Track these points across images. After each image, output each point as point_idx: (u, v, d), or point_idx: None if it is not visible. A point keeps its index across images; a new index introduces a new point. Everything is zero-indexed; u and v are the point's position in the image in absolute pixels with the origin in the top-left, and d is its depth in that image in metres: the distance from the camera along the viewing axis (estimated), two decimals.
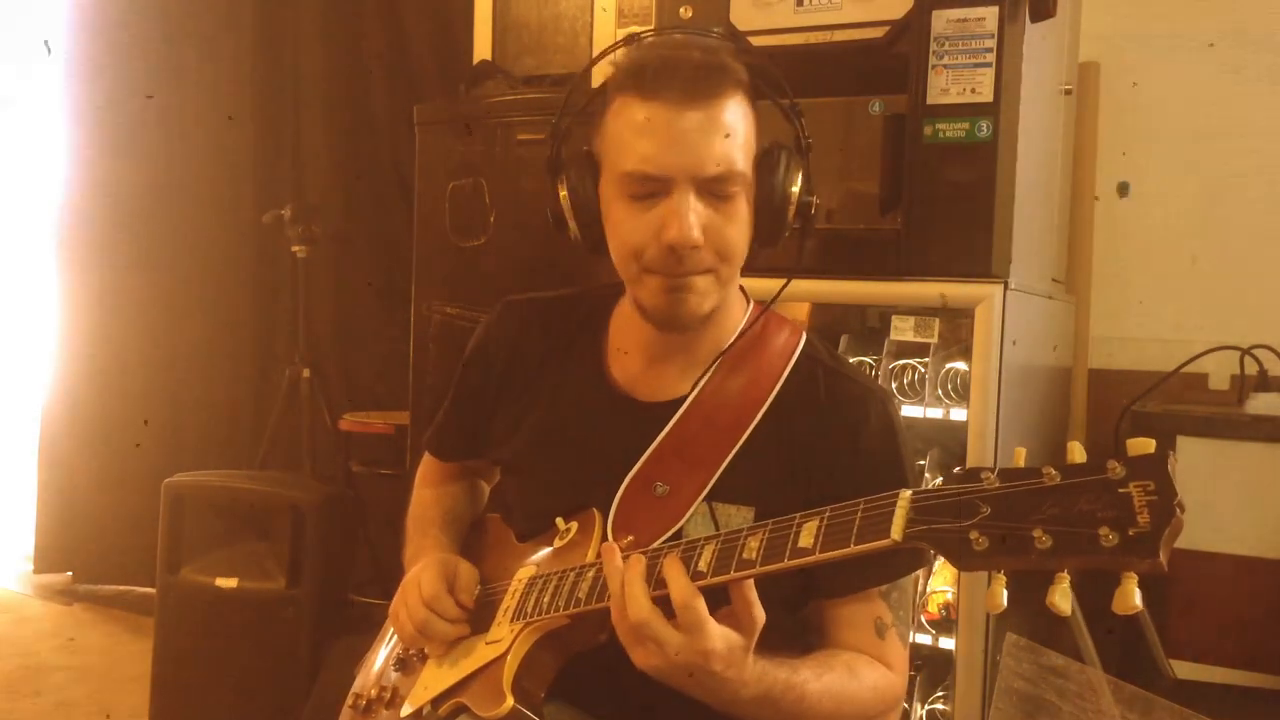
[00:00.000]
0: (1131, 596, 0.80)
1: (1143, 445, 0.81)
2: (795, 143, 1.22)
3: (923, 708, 2.10)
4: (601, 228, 1.22)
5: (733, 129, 1.14)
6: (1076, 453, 0.84)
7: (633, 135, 1.15)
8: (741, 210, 1.17)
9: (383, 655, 1.39)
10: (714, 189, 1.14)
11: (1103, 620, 1.98)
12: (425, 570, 1.26)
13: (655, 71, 1.14)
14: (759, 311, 1.29)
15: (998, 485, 0.85)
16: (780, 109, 1.23)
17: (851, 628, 1.20)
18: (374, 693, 1.34)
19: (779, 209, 1.19)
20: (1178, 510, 0.78)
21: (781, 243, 1.23)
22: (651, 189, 1.15)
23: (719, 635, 0.99)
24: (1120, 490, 0.80)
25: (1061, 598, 0.83)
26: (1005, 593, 0.86)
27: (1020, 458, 0.88)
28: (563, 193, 1.23)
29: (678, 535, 1.17)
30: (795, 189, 1.20)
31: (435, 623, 1.22)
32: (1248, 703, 2.02)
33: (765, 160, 1.19)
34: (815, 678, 1.11)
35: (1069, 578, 0.83)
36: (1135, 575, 0.80)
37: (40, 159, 4.01)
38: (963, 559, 0.86)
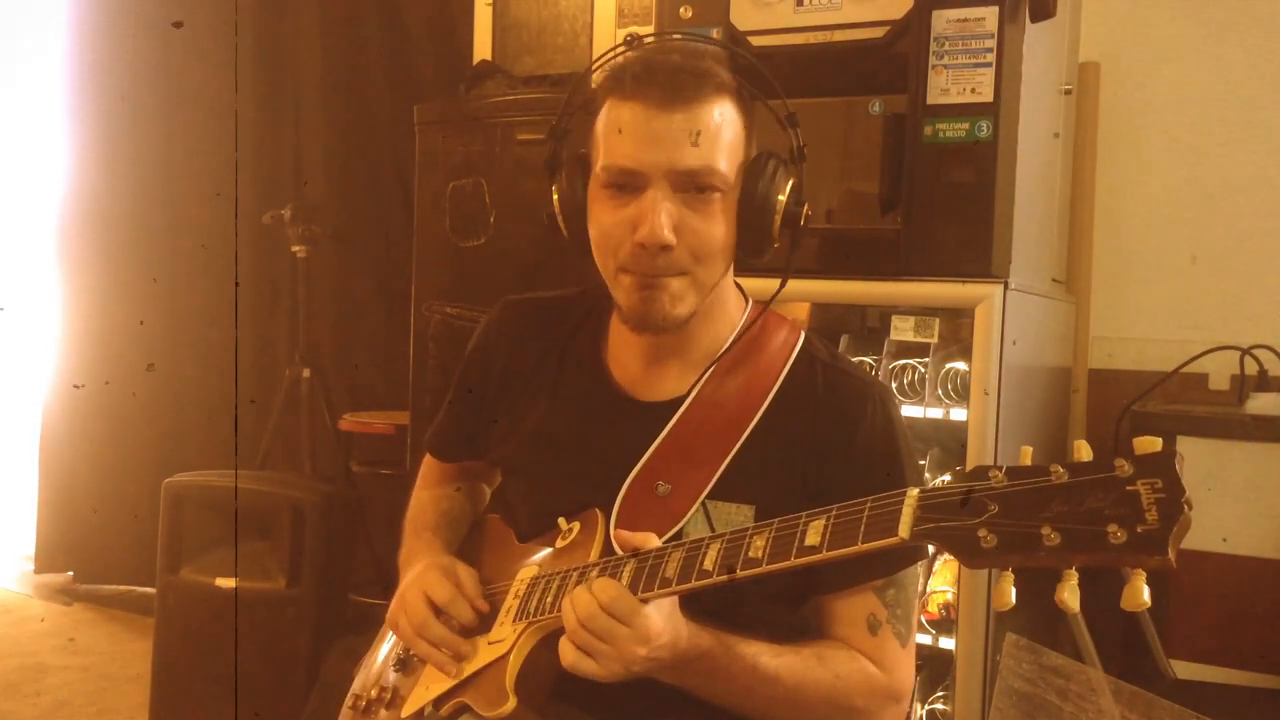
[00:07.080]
0: (1140, 593, 0.81)
1: (1150, 444, 0.81)
2: (790, 152, 1.21)
3: (923, 708, 2.10)
4: (588, 230, 1.22)
5: (712, 130, 1.14)
6: (1083, 451, 0.84)
7: (612, 133, 1.16)
8: (720, 212, 1.16)
9: (382, 655, 1.39)
10: (690, 184, 1.14)
11: (1103, 620, 1.98)
12: (428, 573, 1.26)
13: (635, 74, 1.15)
14: (758, 311, 1.29)
15: (1006, 483, 0.86)
16: (775, 117, 1.22)
17: (843, 622, 1.20)
18: (374, 693, 1.33)
19: (763, 217, 1.18)
20: (1185, 508, 0.78)
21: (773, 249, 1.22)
22: (626, 182, 1.15)
23: (651, 610, 1.04)
24: (1128, 488, 0.80)
25: (1070, 595, 0.83)
26: (1013, 590, 0.86)
27: (1026, 456, 0.88)
28: (555, 194, 1.24)
29: (679, 534, 1.17)
30: (782, 197, 1.19)
31: (436, 629, 1.22)
32: (1248, 703, 2.02)
33: (752, 168, 1.18)
34: (773, 654, 1.12)
35: (1077, 575, 0.83)
36: (1144, 573, 0.81)
37: (40, 159, 4.00)
38: (972, 557, 0.86)
